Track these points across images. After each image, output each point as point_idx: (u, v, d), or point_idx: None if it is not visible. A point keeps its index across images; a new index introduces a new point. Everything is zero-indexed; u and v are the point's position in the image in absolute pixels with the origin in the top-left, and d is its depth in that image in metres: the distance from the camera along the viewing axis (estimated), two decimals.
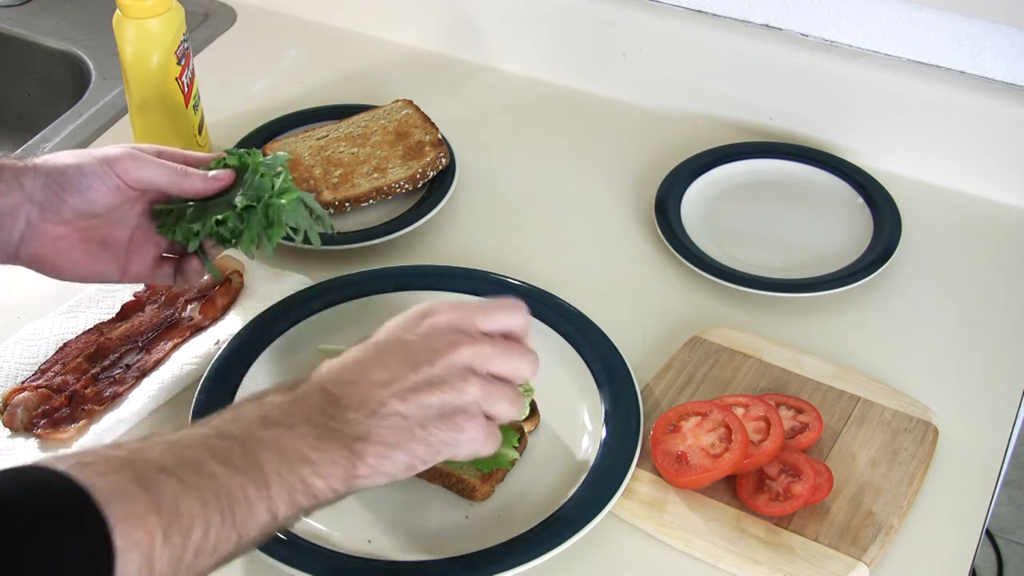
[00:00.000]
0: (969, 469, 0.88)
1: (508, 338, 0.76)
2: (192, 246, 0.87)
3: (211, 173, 0.87)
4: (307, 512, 0.68)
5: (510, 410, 0.74)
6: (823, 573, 0.79)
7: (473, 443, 0.72)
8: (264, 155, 0.90)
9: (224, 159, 0.89)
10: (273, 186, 0.86)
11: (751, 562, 0.80)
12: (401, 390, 0.70)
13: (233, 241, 0.86)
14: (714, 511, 0.83)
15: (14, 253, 0.83)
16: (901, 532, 0.83)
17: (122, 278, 0.88)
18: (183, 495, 0.61)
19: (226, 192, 0.88)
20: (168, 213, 0.87)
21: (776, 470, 0.84)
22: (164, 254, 0.90)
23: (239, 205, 0.85)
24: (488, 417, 0.73)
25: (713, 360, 0.94)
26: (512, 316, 0.76)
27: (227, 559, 0.64)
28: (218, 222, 0.85)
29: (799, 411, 0.88)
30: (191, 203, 0.87)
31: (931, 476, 0.87)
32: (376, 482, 0.70)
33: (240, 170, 0.88)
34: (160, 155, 0.87)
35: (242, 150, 0.90)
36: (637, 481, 0.85)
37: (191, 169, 0.86)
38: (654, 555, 0.82)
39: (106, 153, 0.84)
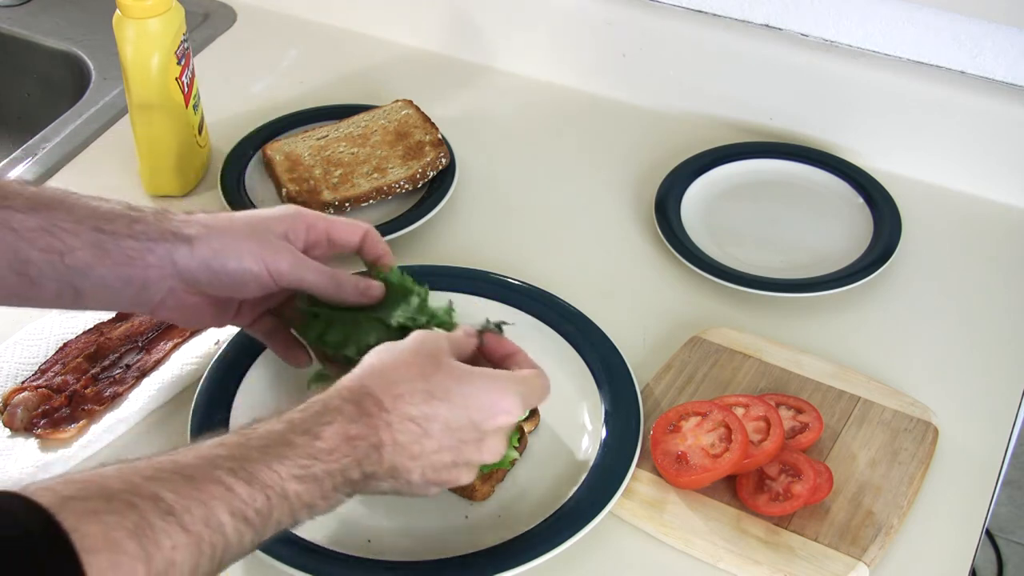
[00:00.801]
0: (969, 469, 0.88)
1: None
2: (338, 358, 0.84)
3: (363, 285, 0.83)
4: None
5: (498, 451, 0.75)
6: (823, 573, 0.79)
7: (459, 479, 0.74)
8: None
9: (380, 271, 0.85)
10: (434, 315, 0.84)
11: (751, 562, 0.80)
12: (434, 467, 0.72)
13: None
14: (714, 511, 0.83)
15: (151, 311, 0.80)
16: (901, 532, 0.83)
17: (221, 325, 0.86)
18: (182, 544, 0.58)
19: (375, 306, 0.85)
20: (314, 317, 0.84)
21: (776, 470, 0.84)
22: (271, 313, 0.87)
23: (394, 324, 0.82)
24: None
25: (713, 360, 0.94)
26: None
27: None
28: (369, 345, 0.80)
29: (799, 411, 0.88)
30: (336, 309, 0.84)
31: (931, 476, 0.87)
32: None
33: (394, 287, 0.85)
34: (328, 239, 0.83)
35: (409, 277, 0.86)
36: (637, 481, 0.85)
37: (344, 278, 0.83)
38: (654, 555, 0.82)
39: (270, 251, 0.79)
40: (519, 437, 0.86)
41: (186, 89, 1.08)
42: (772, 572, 0.79)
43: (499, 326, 0.81)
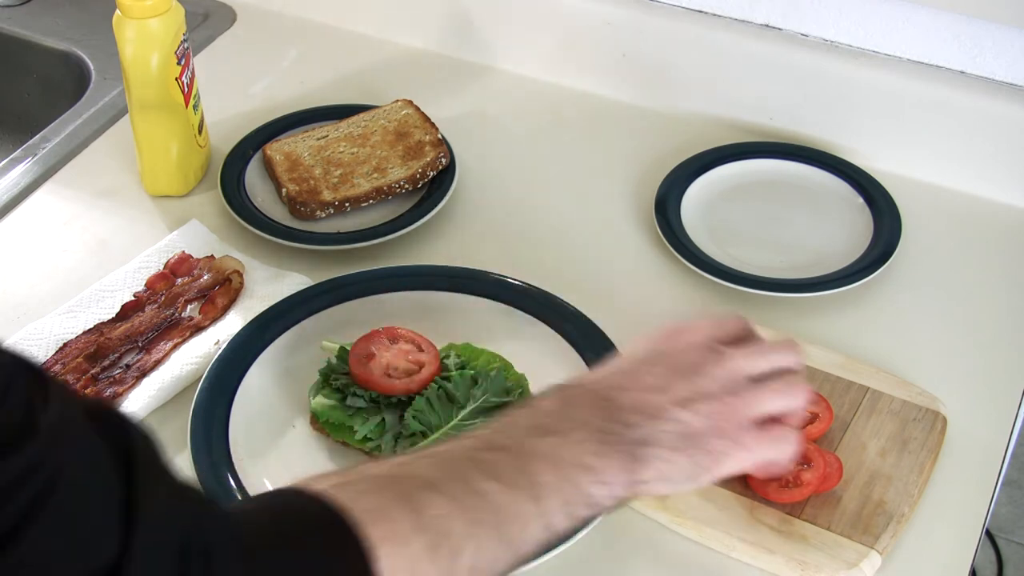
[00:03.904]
0: (972, 462, 0.89)
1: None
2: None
3: None
4: (587, 521, 0.66)
5: (784, 404, 0.73)
6: (836, 562, 0.79)
7: (752, 452, 0.71)
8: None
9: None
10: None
11: (765, 551, 0.80)
12: (678, 398, 0.69)
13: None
14: (727, 501, 0.84)
15: None
16: (912, 520, 0.83)
17: None
18: (451, 513, 0.58)
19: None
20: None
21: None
22: None
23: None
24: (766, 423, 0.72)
25: None
26: (792, 398, 0.74)
27: (503, 575, 0.62)
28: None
29: (809, 402, 0.89)
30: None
31: (938, 465, 0.87)
32: (658, 490, 0.69)
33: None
34: None
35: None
36: None
37: None
38: (668, 545, 0.83)
39: None
40: None
41: (186, 89, 1.08)
42: (786, 561, 0.80)
43: None
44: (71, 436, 0.46)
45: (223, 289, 1.00)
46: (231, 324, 0.97)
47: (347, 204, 1.08)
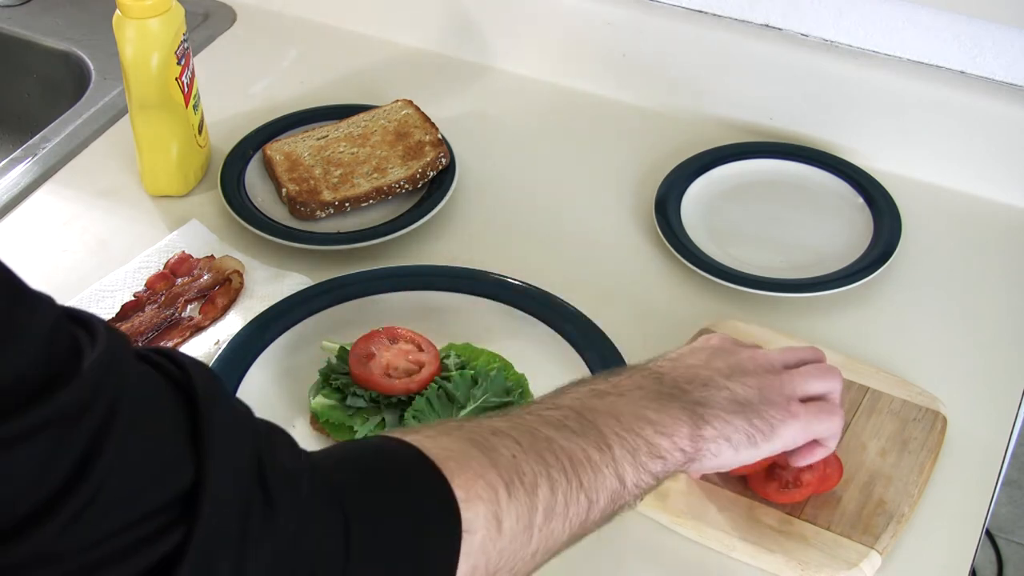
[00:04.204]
0: (972, 462, 0.89)
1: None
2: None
3: None
4: (658, 479, 0.66)
5: (823, 386, 0.75)
6: (836, 562, 0.79)
7: (803, 421, 0.73)
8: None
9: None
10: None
11: (765, 551, 0.80)
12: (722, 372, 0.72)
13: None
14: (727, 501, 0.84)
15: None
16: (912, 520, 0.83)
17: None
18: (522, 455, 0.59)
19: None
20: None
21: (786, 458, 0.84)
22: None
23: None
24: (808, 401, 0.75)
25: None
26: (827, 380, 0.77)
27: (583, 529, 0.62)
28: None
29: None
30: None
31: (938, 465, 0.87)
32: (721, 451, 0.70)
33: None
34: None
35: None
36: None
37: None
38: (668, 545, 0.83)
39: None
40: None
41: (186, 89, 1.08)
42: (786, 561, 0.80)
43: None
44: (122, 373, 0.46)
45: (223, 289, 1.00)
46: (231, 324, 0.97)
47: (347, 204, 1.08)
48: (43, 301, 0.45)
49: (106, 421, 0.44)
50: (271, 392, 0.92)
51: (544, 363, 0.92)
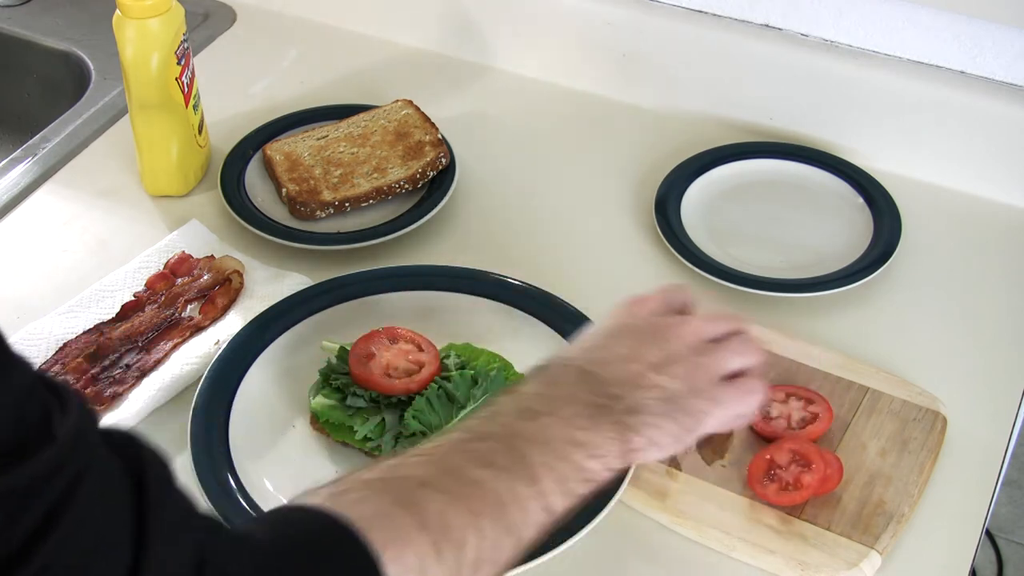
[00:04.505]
0: (972, 462, 0.89)
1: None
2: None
3: None
4: (585, 498, 0.66)
5: (745, 360, 0.76)
6: (836, 562, 0.79)
7: (728, 406, 0.74)
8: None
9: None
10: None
11: (765, 551, 0.81)
12: (652, 364, 0.72)
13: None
14: (727, 500, 0.84)
15: None
16: (911, 520, 0.83)
17: None
18: (449, 508, 0.59)
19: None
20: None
21: (787, 459, 0.84)
22: None
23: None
24: (732, 377, 0.75)
25: None
26: (749, 356, 0.77)
27: (510, 565, 0.62)
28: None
29: (809, 402, 0.89)
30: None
31: (938, 466, 0.87)
32: (649, 456, 0.70)
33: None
34: None
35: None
36: (650, 472, 0.85)
37: None
38: (668, 544, 0.83)
39: None
40: None
41: (186, 89, 1.08)
42: (786, 561, 0.80)
43: None
44: (88, 447, 0.47)
45: (223, 289, 1.00)
46: (231, 324, 0.97)
47: (347, 204, 1.08)
48: (19, 366, 0.45)
49: (66, 496, 0.45)
50: (271, 392, 0.92)
51: None
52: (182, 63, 1.06)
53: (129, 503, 0.48)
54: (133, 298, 1.00)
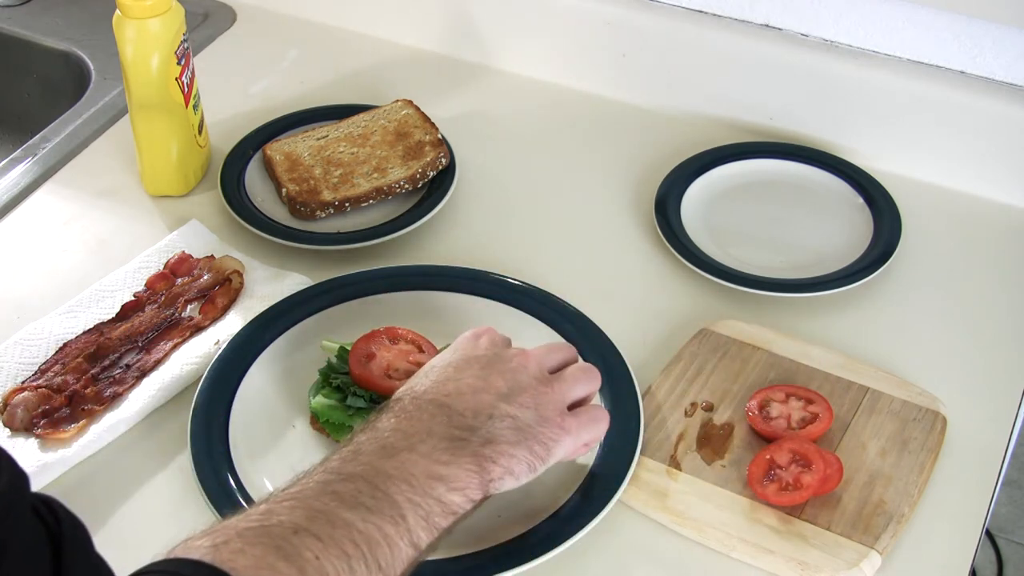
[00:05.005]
0: (972, 462, 0.89)
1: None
2: None
3: None
4: (449, 531, 0.69)
5: (587, 388, 0.80)
6: (836, 562, 0.79)
7: (577, 434, 0.77)
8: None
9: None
10: None
11: (764, 551, 0.80)
12: (501, 394, 0.74)
13: None
14: (727, 500, 0.84)
15: None
16: (911, 520, 0.83)
17: None
18: (324, 552, 0.60)
19: None
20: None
21: (787, 459, 0.84)
22: None
23: None
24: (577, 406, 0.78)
25: (723, 352, 0.95)
26: (589, 383, 0.82)
27: None
28: None
29: (809, 402, 0.89)
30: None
31: (937, 466, 0.87)
32: (506, 485, 0.72)
33: None
34: None
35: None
36: (650, 472, 0.86)
37: None
38: (667, 544, 0.83)
39: None
40: None
41: (186, 89, 1.08)
42: (786, 561, 0.80)
43: None
44: (16, 516, 0.49)
45: (223, 289, 1.00)
46: (231, 324, 0.97)
47: (347, 204, 1.08)
48: None
49: None
50: (271, 392, 0.92)
51: None
52: (182, 63, 1.06)
53: (48, 571, 0.50)
54: (133, 298, 1.00)
